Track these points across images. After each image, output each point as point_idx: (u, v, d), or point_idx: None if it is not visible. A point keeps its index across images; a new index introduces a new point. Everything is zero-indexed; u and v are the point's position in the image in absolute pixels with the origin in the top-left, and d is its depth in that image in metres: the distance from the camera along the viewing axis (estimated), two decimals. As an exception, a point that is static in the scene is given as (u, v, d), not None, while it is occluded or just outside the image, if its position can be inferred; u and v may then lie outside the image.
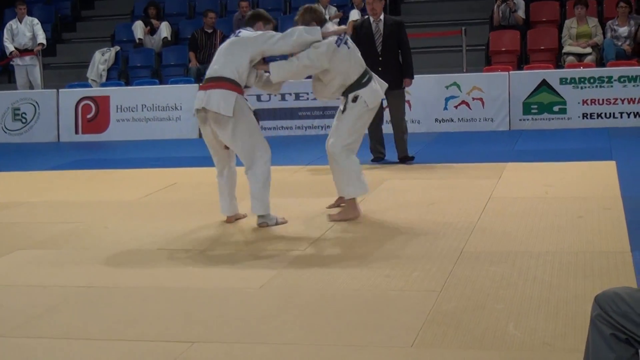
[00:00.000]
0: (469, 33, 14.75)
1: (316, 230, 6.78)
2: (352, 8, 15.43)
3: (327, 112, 13.63)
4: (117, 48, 16.39)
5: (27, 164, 9.77)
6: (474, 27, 15.62)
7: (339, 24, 15.31)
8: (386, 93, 8.28)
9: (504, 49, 15.08)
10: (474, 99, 13.31)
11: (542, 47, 15.05)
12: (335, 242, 6.44)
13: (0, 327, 4.82)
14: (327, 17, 15.39)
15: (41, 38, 16.03)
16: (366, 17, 10.76)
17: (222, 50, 7.14)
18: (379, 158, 10.54)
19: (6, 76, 17.25)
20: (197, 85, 14.35)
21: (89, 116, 14.54)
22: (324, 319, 4.71)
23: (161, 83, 15.39)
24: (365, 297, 5.05)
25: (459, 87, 13.38)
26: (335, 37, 7.12)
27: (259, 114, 7.71)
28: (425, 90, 13.43)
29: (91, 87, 15.50)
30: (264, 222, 7.12)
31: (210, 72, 7.08)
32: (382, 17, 10.51)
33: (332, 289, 5.24)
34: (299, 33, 7.01)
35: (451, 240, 6.28)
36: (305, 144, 12.46)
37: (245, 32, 7.17)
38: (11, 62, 16.26)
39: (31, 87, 15.74)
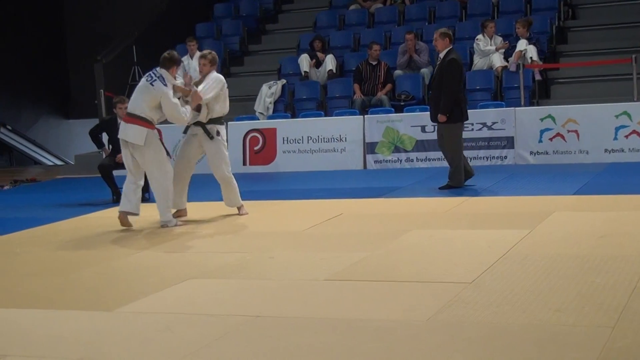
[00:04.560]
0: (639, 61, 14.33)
1: (483, 263, 6.69)
2: (518, 38, 15.23)
3: (492, 143, 13.51)
4: (284, 81, 16.69)
5: (198, 195, 10.06)
6: (645, 54, 15.16)
7: (505, 53, 15.20)
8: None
9: (677, 77, 14.56)
10: (646, 128, 12.92)
11: None
12: (503, 275, 6.33)
13: (171, 355, 4.95)
14: (493, 46, 15.35)
15: (211, 73, 16.47)
16: None
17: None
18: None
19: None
20: (362, 117, 14.49)
21: (256, 148, 14.87)
22: (492, 355, 4.63)
23: (326, 115, 15.58)
24: (535, 333, 4.93)
25: (629, 116, 13.02)
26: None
27: None
28: (594, 120, 13.16)
29: (258, 119, 15.83)
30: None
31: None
32: (442, 54, 10.98)
33: (499, 323, 5.15)
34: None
35: (624, 274, 6.07)
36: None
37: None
38: (182, 96, 16.78)
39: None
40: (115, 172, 11.79)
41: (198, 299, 6.29)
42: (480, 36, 15.60)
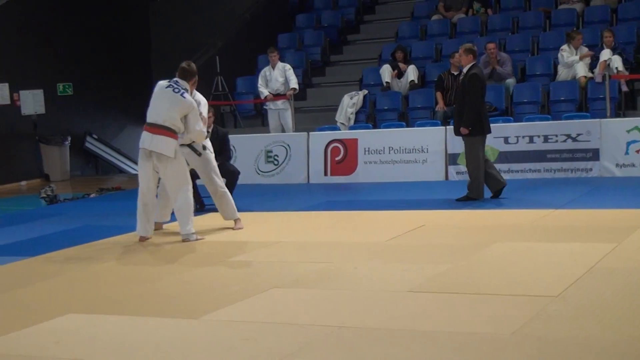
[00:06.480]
0: None
1: (568, 276, 6.59)
2: (603, 48, 15.00)
3: (576, 155, 13.32)
4: (365, 91, 16.69)
5: (279, 205, 10.11)
6: None
7: (591, 63, 14.99)
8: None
9: None
10: None
11: None
12: (589, 289, 6.23)
13: (257, 363, 4.99)
14: (577, 56, 15.13)
15: (293, 83, 16.57)
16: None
17: None
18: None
19: (259, 119, 17.97)
20: (443, 128, 14.40)
21: (337, 158, 14.88)
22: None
23: (408, 126, 15.54)
24: (623, 349, 4.84)
25: None
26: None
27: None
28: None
29: (340, 130, 15.85)
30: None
31: None
32: (465, 69, 11.26)
33: (586, 338, 5.07)
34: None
35: None
36: (554, 187, 12.19)
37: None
38: (264, 106, 16.93)
39: (283, 130, 16.30)
40: (199, 181, 11.89)
41: (282, 308, 6.32)
42: (565, 47, 15.37)
